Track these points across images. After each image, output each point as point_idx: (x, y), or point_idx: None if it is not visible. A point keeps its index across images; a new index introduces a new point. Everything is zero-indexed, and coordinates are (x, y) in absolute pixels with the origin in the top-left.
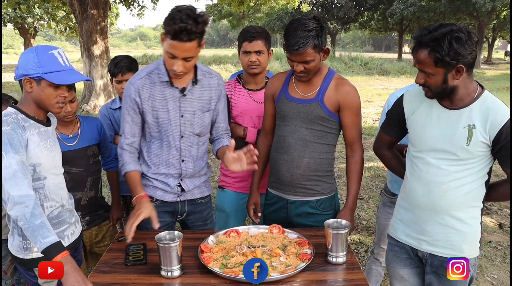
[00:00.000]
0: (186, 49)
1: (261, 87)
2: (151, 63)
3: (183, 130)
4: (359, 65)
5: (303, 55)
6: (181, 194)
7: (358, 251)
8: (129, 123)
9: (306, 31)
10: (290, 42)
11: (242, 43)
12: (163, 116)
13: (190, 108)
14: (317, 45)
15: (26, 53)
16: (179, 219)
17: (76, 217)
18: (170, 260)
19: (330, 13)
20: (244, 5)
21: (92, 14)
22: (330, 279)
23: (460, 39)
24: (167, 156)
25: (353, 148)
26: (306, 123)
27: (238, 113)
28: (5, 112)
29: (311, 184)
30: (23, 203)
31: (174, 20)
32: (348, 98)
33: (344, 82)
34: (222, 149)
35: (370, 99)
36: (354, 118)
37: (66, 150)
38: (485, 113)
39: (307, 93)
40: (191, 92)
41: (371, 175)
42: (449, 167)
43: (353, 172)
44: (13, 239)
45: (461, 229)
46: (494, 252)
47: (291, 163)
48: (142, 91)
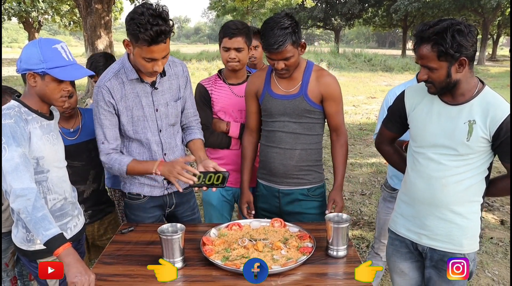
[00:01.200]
0: (164, 48)
1: (242, 81)
2: (114, 63)
3: (160, 123)
4: (362, 61)
5: (283, 53)
6: (168, 187)
7: (359, 246)
8: (109, 128)
9: (283, 29)
10: (269, 42)
11: (223, 39)
12: (138, 114)
13: (162, 100)
14: (295, 41)
15: (29, 46)
16: (168, 211)
17: (79, 210)
18: (173, 252)
19: (334, 9)
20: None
21: (96, 8)
22: (331, 272)
23: (462, 32)
24: (149, 153)
25: (338, 133)
26: (294, 118)
27: (219, 108)
28: (8, 105)
29: (303, 174)
30: (25, 196)
31: (145, 26)
32: (330, 89)
33: (323, 73)
34: (195, 144)
35: (373, 96)
36: (337, 107)
37: (67, 145)
38: (485, 109)
39: (290, 89)
40: (161, 84)
41: (373, 171)
42: (449, 162)
43: (339, 155)
44: (17, 231)
45: (461, 224)
46: (495, 248)
47: (283, 155)
48: (113, 92)
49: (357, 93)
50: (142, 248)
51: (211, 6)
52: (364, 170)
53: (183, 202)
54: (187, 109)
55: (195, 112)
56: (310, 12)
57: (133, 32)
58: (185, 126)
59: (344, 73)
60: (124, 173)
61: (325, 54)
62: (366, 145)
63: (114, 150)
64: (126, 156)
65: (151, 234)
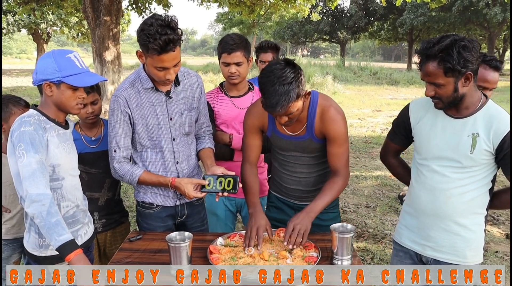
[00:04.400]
0: (174, 57)
1: (243, 93)
2: (131, 74)
3: (174, 132)
4: (368, 74)
5: (287, 111)
6: (181, 197)
7: (364, 258)
8: (122, 136)
9: (286, 84)
10: (270, 102)
11: (222, 54)
12: (153, 122)
13: (177, 110)
14: (299, 94)
15: (43, 58)
16: (179, 221)
17: (89, 218)
18: (180, 260)
19: (340, 22)
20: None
21: (105, 20)
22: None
23: (467, 47)
24: (162, 161)
25: (337, 174)
26: (307, 153)
27: (222, 120)
28: (28, 113)
29: (318, 192)
30: (40, 201)
31: (154, 36)
32: (332, 129)
33: (327, 109)
34: (205, 152)
35: (378, 109)
36: (339, 148)
37: (88, 152)
38: (488, 122)
39: (295, 131)
40: (176, 93)
41: (378, 184)
42: (453, 175)
43: (328, 188)
44: (29, 236)
45: (464, 235)
46: (500, 262)
47: (299, 182)
48: (130, 101)
49: (363, 106)
50: (150, 256)
51: (218, 19)
52: (369, 183)
53: (194, 213)
54: (200, 120)
55: (208, 123)
56: (316, 26)
57: (143, 42)
58: (197, 136)
59: (350, 86)
60: (135, 184)
61: (330, 67)
62: (371, 158)
63: (125, 159)
64: (138, 168)
65: (159, 242)
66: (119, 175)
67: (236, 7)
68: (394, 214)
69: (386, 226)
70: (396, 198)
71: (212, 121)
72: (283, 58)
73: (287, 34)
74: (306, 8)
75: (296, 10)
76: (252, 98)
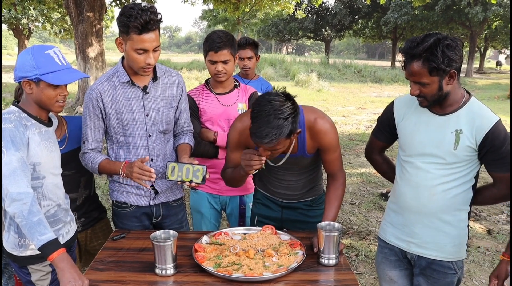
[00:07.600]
0: (154, 38)
1: (229, 91)
2: (110, 69)
3: (150, 128)
4: (352, 72)
5: (272, 147)
6: (155, 197)
7: (349, 255)
8: (92, 129)
9: (281, 119)
10: (260, 133)
11: (208, 52)
12: (127, 117)
13: (154, 106)
14: (292, 131)
15: (22, 54)
16: (155, 221)
17: (71, 216)
18: (165, 258)
19: (325, 20)
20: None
21: (88, 16)
22: (322, 279)
23: (451, 46)
24: (135, 158)
25: (335, 178)
26: (298, 167)
27: (207, 118)
28: (8, 110)
29: (306, 193)
30: (21, 200)
31: (135, 16)
32: (324, 140)
33: (314, 122)
34: (181, 146)
35: (363, 106)
36: (333, 154)
37: None
38: (471, 119)
39: (286, 151)
40: (153, 89)
41: (362, 180)
42: (437, 171)
43: (333, 198)
44: (8, 236)
45: (448, 232)
46: (482, 257)
47: (287, 188)
48: (104, 95)
49: (347, 103)
50: (134, 255)
51: (203, 16)
52: (353, 180)
53: (171, 214)
54: (181, 119)
55: (189, 123)
56: (301, 23)
57: (124, 23)
58: (177, 134)
59: (334, 83)
60: (97, 171)
61: (315, 65)
62: (356, 155)
63: (92, 151)
64: (100, 155)
65: (143, 241)
66: (84, 163)
67: (221, 4)
68: (379, 211)
69: (370, 223)
70: (379, 195)
71: (197, 119)
72: (284, 91)
73: (271, 31)
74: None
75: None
76: (238, 95)
